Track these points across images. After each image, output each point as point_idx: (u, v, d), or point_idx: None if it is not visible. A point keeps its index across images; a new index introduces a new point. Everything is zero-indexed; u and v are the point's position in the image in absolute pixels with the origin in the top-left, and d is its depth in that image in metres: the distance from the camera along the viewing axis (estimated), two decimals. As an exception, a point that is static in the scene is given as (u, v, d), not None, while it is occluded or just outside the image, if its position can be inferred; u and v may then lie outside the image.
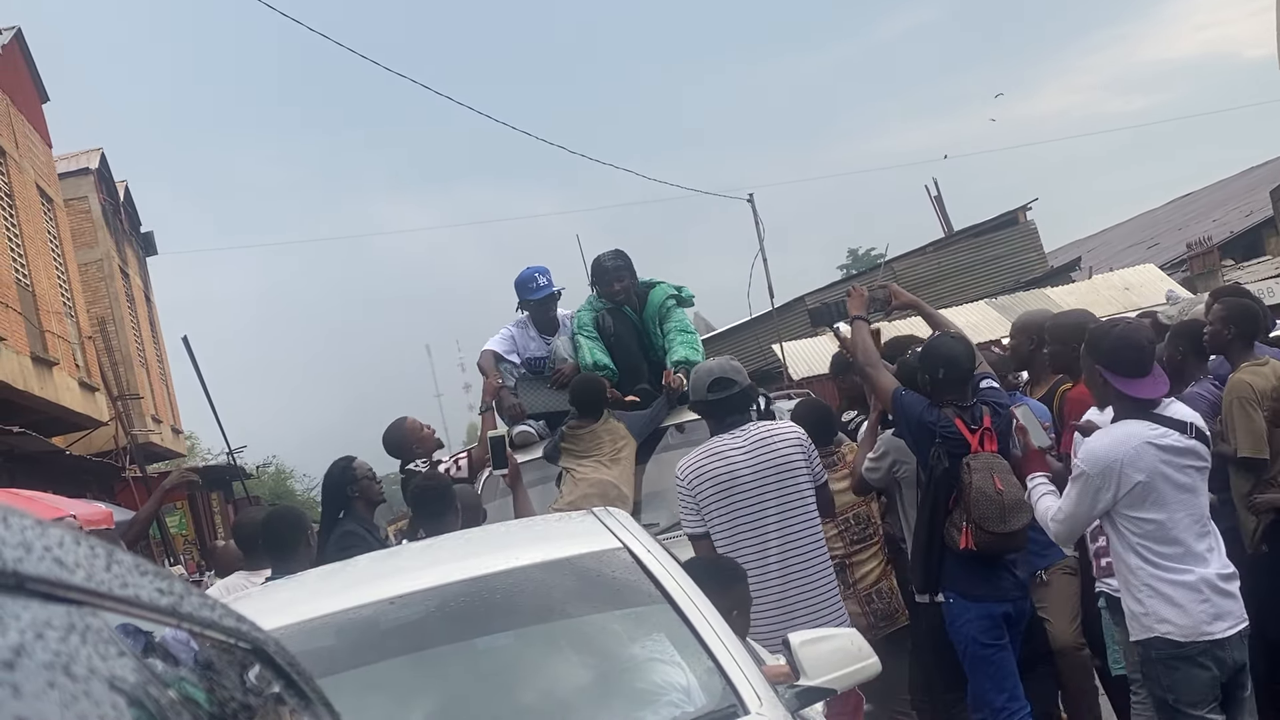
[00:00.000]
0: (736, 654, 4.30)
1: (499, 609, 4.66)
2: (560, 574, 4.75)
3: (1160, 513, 5.61)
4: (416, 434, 8.94)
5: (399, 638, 4.62)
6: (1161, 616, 5.64)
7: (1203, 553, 5.64)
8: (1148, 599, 5.66)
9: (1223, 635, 5.61)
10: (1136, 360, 5.63)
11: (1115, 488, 5.62)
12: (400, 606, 4.62)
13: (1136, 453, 5.58)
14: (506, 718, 4.41)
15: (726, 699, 4.11)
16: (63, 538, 1.28)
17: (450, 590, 4.63)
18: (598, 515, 5.16)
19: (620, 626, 4.73)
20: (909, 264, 38.60)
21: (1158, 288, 26.90)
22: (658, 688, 4.36)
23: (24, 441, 19.11)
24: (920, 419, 6.91)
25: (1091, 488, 5.67)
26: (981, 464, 6.70)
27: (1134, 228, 51.99)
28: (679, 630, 4.38)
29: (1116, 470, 5.60)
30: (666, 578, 4.56)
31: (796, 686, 4.41)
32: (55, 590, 1.22)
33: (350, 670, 4.46)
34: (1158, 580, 5.64)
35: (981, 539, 6.64)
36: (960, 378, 6.93)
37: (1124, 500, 5.62)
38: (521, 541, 5.24)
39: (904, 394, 7.07)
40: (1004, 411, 6.91)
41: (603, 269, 9.60)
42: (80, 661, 1.22)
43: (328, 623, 4.53)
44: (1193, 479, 5.65)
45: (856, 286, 8.22)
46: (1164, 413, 5.66)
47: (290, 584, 5.63)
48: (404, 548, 6.12)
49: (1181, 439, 5.61)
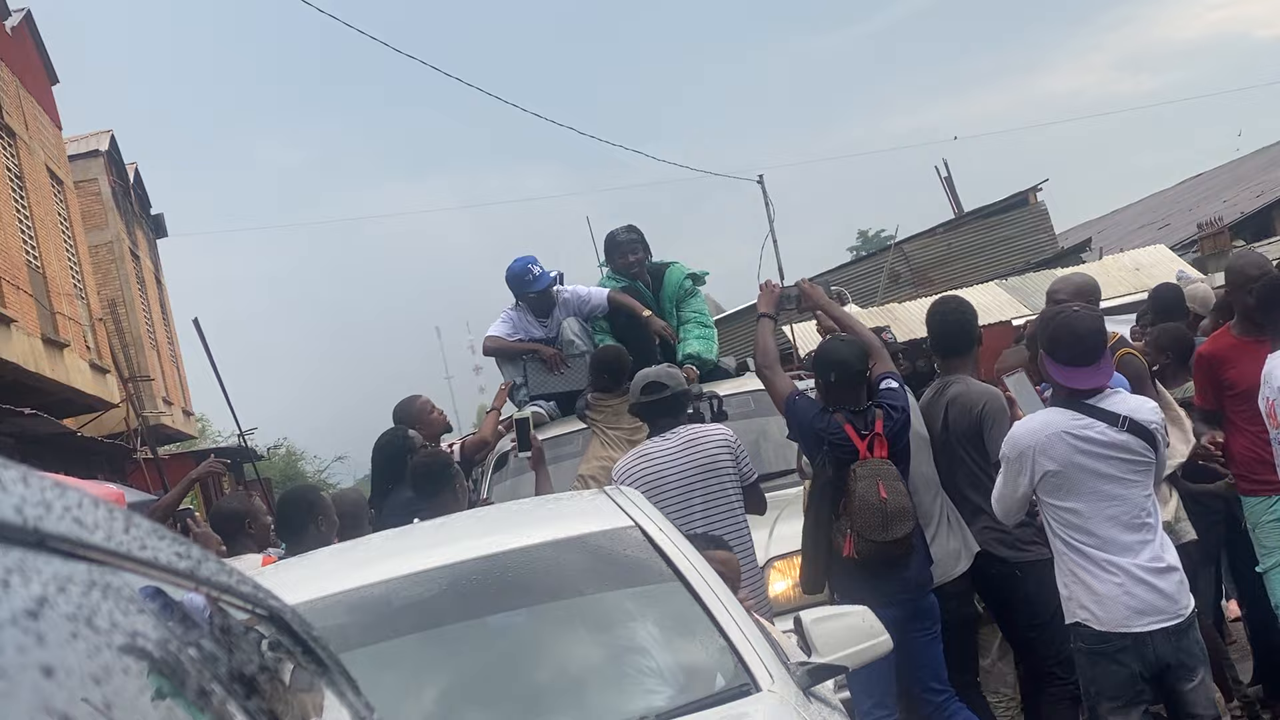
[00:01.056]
0: (748, 631, 4.31)
1: (512, 587, 4.68)
2: (573, 552, 4.76)
3: (1077, 502, 5.58)
4: (425, 414, 8.95)
5: (412, 615, 4.64)
6: (1081, 603, 5.61)
7: (1130, 544, 5.55)
8: (1071, 584, 5.65)
9: (1143, 630, 5.51)
10: (1075, 348, 5.57)
11: (1030, 474, 5.63)
12: (413, 584, 4.63)
13: (1049, 442, 5.57)
14: (518, 695, 4.43)
15: (739, 676, 4.13)
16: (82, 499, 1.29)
17: (463, 568, 4.65)
18: (610, 494, 5.17)
19: (632, 604, 4.75)
20: (919, 245, 38.49)
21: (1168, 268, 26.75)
22: (669, 665, 4.37)
23: (35, 423, 19.13)
24: (810, 425, 6.88)
25: (1012, 472, 5.73)
26: (867, 471, 6.67)
27: (1144, 208, 51.88)
28: (690, 608, 4.40)
29: (1030, 457, 5.62)
30: (678, 556, 4.57)
31: (808, 663, 4.42)
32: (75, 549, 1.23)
33: (363, 647, 4.48)
34: (1078, 568, 5.62)
35: (863, 547, 6.58)
36: (851, 381, 6.93)
37: (1040, 487, 5.64)
38: (534, 520, 5.25)
39: (796, 399, 7.05)
40: (898, 414, 6.89)
41: (615, 242, 9.60)
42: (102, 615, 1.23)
43: (341, 600, 4.55)
44: (1120, 471, 5.56)
45: (768, 282, 8.19)
46: (1102, 404, 5.59)
47: (303, 562, 5.64)
48: (417, 526, 6.13)
49: (1107, 431, 5.54)
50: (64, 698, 1.11)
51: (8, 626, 1.08)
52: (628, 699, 4.29)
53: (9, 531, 1.13)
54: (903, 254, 37.98)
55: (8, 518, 1.14)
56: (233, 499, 8.55)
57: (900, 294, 35.50)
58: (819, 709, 4.21)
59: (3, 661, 1.03)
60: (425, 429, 8.83)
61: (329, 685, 1.90)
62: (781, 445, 8.40)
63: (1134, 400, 5.75)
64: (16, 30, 24.15)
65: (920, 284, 36.68)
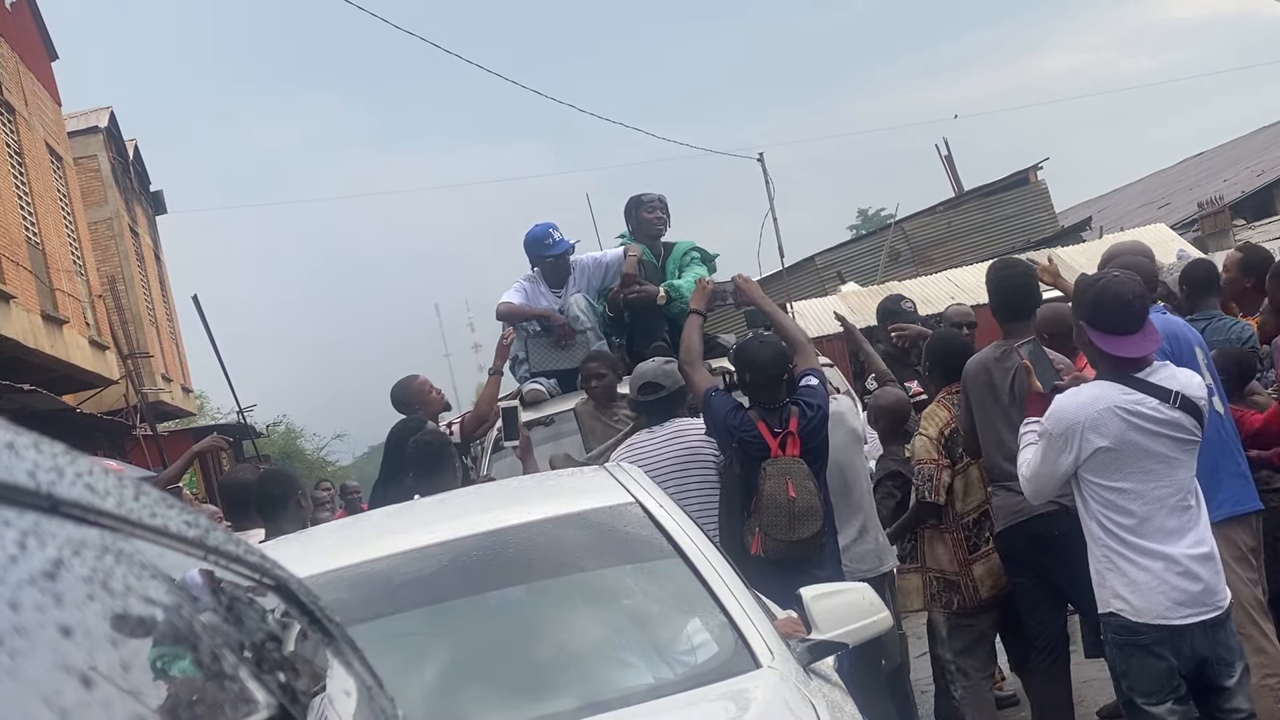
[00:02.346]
0: (748, 607, 4.33)
1: (512, 563, 4.69)
2: (573, 528, 4.78)
3: (1125, 481, 5.27)
4: (424, 394, 8.93)
5: (412, 591, 4.64)
6: (1116, 592, 5.32)
7: (1173, 528, 5.26)
8: (1106, 572, 5.34)
9: (1181, 623, 5.24)
10: (1119, 315, 5.25)
11: (1076, 451, 5.30)
12: (414, 560, 4.64)
13: (1100, 417, 5.25)
14: (519, 670, 4.44)
15: (738, 652, 4.14)
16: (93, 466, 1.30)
17: (463, 544, 4.66)
18: (610, 470, 5.19)
19: (632, 580, 4.77)
20: (919, 224, 38.52)
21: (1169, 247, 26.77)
22: (670, 641, 4.40)
23: (34, 400, 19.15)
24: (724, 421, 6.92)
25: (1054, 449, 5.37)
26: (777, 470, 6.69)
27: (1145, 187, 51.86)
28: (691, 584, 4.42)
29: (1077, 433, 5.27)
30: (679, 532, 4.59)
31: (808, 640, 4.43)
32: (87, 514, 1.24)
33: (364, 623, 4.49)
34: (1114, 554, 5.31)
35: (769, 545, 6.59)
36: (765, 382, 6.97)
37: (1086, 465, 5.31)
38: (534, 496, 5.27)
39: (714, 395, 7.09)
40: (814, 412, 6.91)
41: (639, 200, 9.55)
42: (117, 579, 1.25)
43: (341, 576, 4.56)
44: (1171, 450, 5.26)
45: (703, 279, 8.25)
46: (1151, 378, 5.29)
47: (302, 538, 5.66)
48: (417, 502, 6.15)
49: (1159, 407, 5.23)
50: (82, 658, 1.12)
51: (26, 587, 1.09)
52: (627, 675, 4.30)
53: (23, 496, 1.15)
54: (903, 232, 38.03)
55: (21, 482, 1.15)
56: (244, 470, 8.57)
57: (900, 272, 35.56)
58: (819, 685, 4.23)
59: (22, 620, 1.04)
60: (425, 409, 8.82)
61: (336, 655, 1.92)
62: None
63: (1183, 375, 5.38)
64: (16, 6, 24.10)
65: (920, 262, 36.74)
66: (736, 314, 10.29)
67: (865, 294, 30.13)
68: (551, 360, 9.33)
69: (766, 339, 7.37)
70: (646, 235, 9.49)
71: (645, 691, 4.09)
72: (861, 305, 29.18)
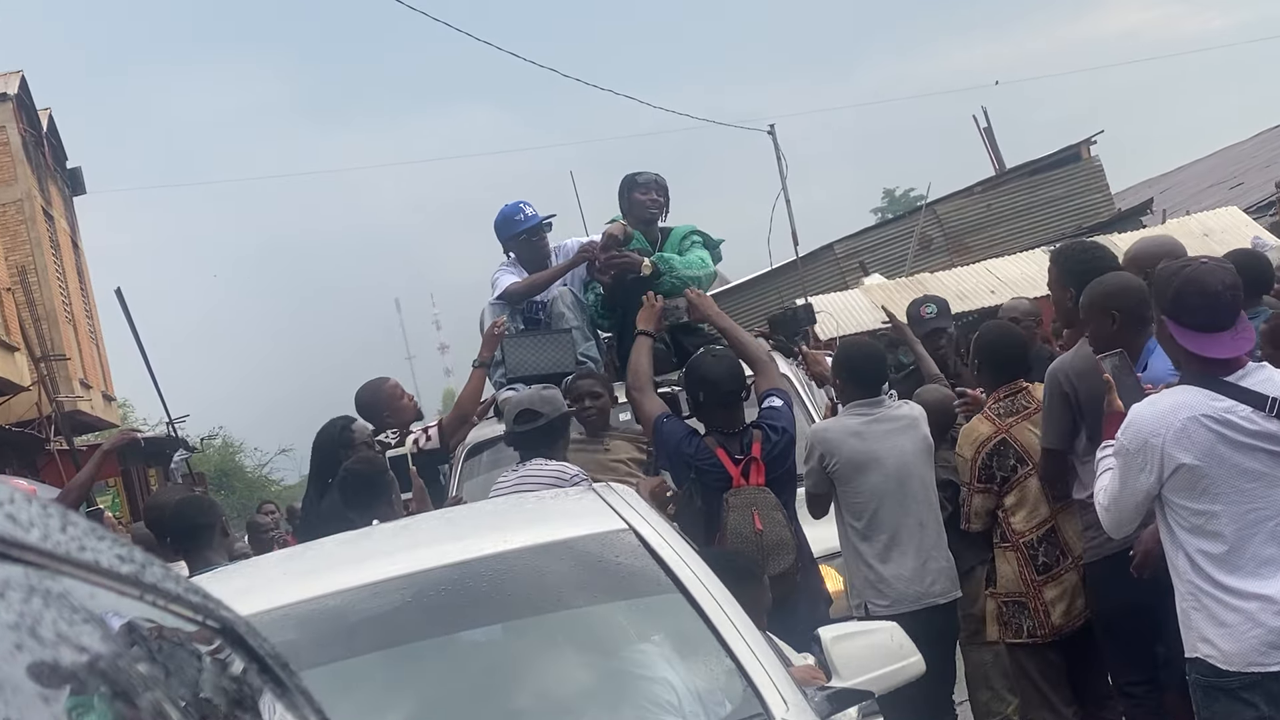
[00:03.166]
0: (759, 650, 4.32)
1: (487, 599, 4.70)
2: (557, 558, 4.78)
3: (1214, 504, 5.12)
4: (394, 400, 8.96)
5: (372, 631, 4.66)
6: (1204, 635, 5.18)
7: (1272, 558, 5.12)
8: (1192, 612, 5.23)
9: (1277, 669, 5.09)
10: (1207, 309, 5.11)
11: (1157, 470, 5.15)
12: (373, 595, 4.64)
13: (1184, 428, 5.09)
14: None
15: (748, 702, 4.15)
16: (13, 494, 1.30)
17: (431, 577, 4.66)
18: (599, 492, 5.19)
19: (625, 619, 4.78)
20: (954, 206, 38.54)
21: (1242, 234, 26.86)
22: (669, 689, 4.39)
23: (-68, 409, 19.13)
24: (678, 449, 7.01)
25: (1132, 468, 5.22)
26: (741, 500, 6.77)
27: (1214, 164, 51.92)
28: (693, 623, 4.42)
29: (1157, 449, 5.12)
30: (678, 563, 4.59)
31: (828, 689, 4.44)
32: (10, 550, 1.23)
33: (316, 668, 4.49)
34: (1200, 593, 5.19)
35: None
36: (722, 401, 7.08)
37: (1169, 484, 5.16)
38: (512, 522, 5.27)
39: (665, 422, 7.21)
40: (779, 435, 6.97)
41: (634, 181, 9.55)
42: (46, 625, 1.24)
43: (290, 613, 4.55)
44: (1266, 466, 5.10)
45: (650, 295, 8.34)
46: (1244, 382, 5.13)
47: (245, 570, 5.67)
48: (378, 528, 6.15)
49: (1254, 416, 5.07)
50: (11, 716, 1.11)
51: None
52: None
53: None
54: (935, 216, 38.04)
55: None
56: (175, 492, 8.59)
57: (932, 262, 35.59)
58: (841, 740, 4.24)
59: None
60: (394, 416, 8.84)
61: (288, 706, 1.91)
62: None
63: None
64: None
65: (955, 251, 36.78)
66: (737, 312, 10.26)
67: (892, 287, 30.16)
68: (531, 363, 9.32)
69: (719, 352, 7.48)
70: (639, 220, 9.49)
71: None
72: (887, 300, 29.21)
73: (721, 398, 7.09)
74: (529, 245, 9.50)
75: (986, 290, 30.92)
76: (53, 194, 34.95)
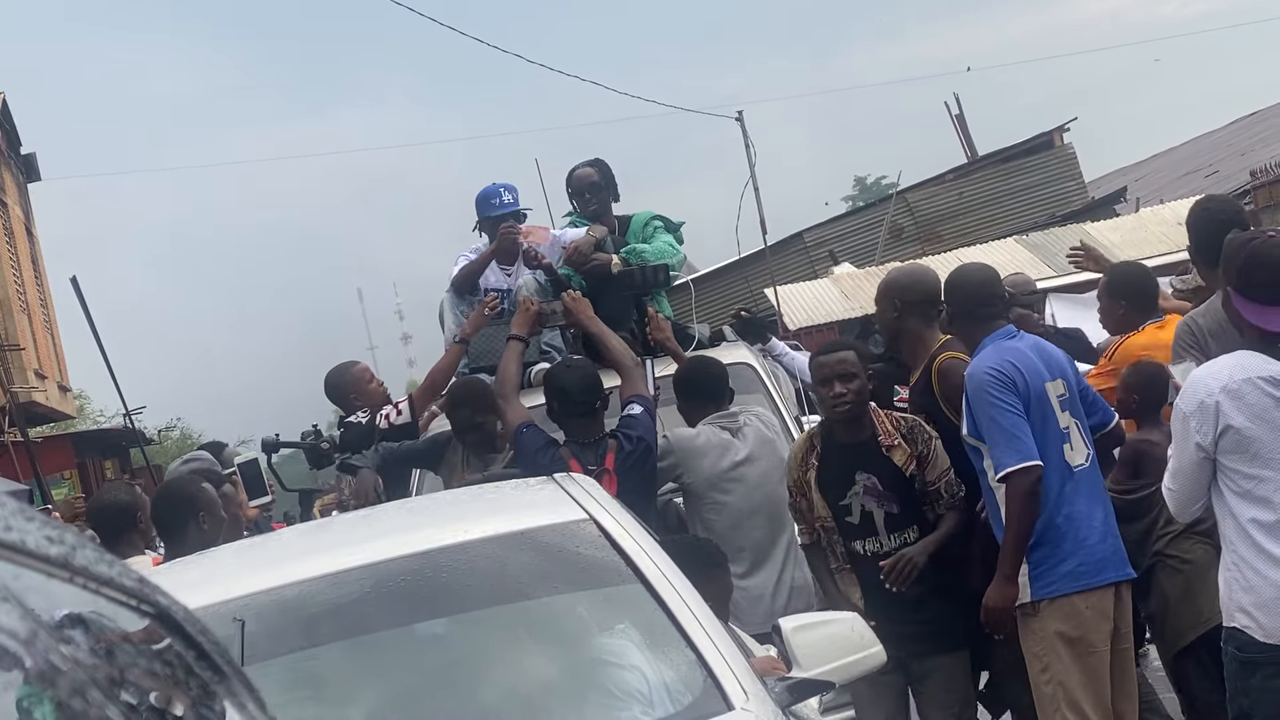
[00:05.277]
0: (719, 641, 4.38)
1: (445, 590, 4.74)
2: (516, 549, 4.82)
3: (1265, 469, 5.28)
4: (361, 384, 9.03)
5: (329, 623, 4.69)
6: (1241, 605, 5.32)
7: None
8: (1232, 581, 5.36)
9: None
10: (1269, 284, 5.31)
11: (1213, 429, 5.28)
12: (331, 586, 4.67)
13: (1241, 389, 5.27)
14: (454, 715, 4.49)
15: (708, 693, 4.20)
16: None
17: (389, 568, 4.70)
18: (560, 482, 5.23)
19: (586, 610, 4.82)
20: (925, 194, 38.61)
21: (1216, 223, 26.94)
22: (628, 681, 4.43)
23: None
24: (534, 459, 7.08)
25: (1189, 432, 5.36)
26: None
27: (1190, 152, 52.06)
28: (653, 614, 4.47)
29: (1212, 407, 5.27)
30: (639, 553, 4.63)
31: (789, 679, 4.49)
32: None
33: (271, 659, 4.53)
34: (1243, 563, 5.32)
35: None
36: (575, 412, 7.20)
37: (1221, 446, 5.30)
38: (472, 512, 5.31)
39: (524, 432, 7.31)
40: (633, 445, 7.08)
41: (571, 179, 9.60)
42: None
43: (246, 605, 4.57)
44: None
45: (527, 298, 8.45)
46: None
47: (202, 561, 5.68)
48: (336, 519, 6.19)
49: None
50: None
51: None
52: (580, 718, 4.36)
53: None
54: (906, 205, 38.06)
55: None
56: (118, 489, 8.59)
57: (903, 251, 35.57)
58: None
59: None
60: (362, 399, 8.90)
61: (227, 695, 1.89)
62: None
63: None
64: None
65: (927, 240, 36.81)
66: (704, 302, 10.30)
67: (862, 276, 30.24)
68: (495, 352, 9.32)
69: (575, 362, 7.60)
70: (585, 214, 9.56)
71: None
72: (856, 290, 29.20)
73: (574, 408, 7.23)
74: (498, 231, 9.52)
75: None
76: (6, 180, 34.79)
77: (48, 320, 37.20)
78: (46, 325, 36.82)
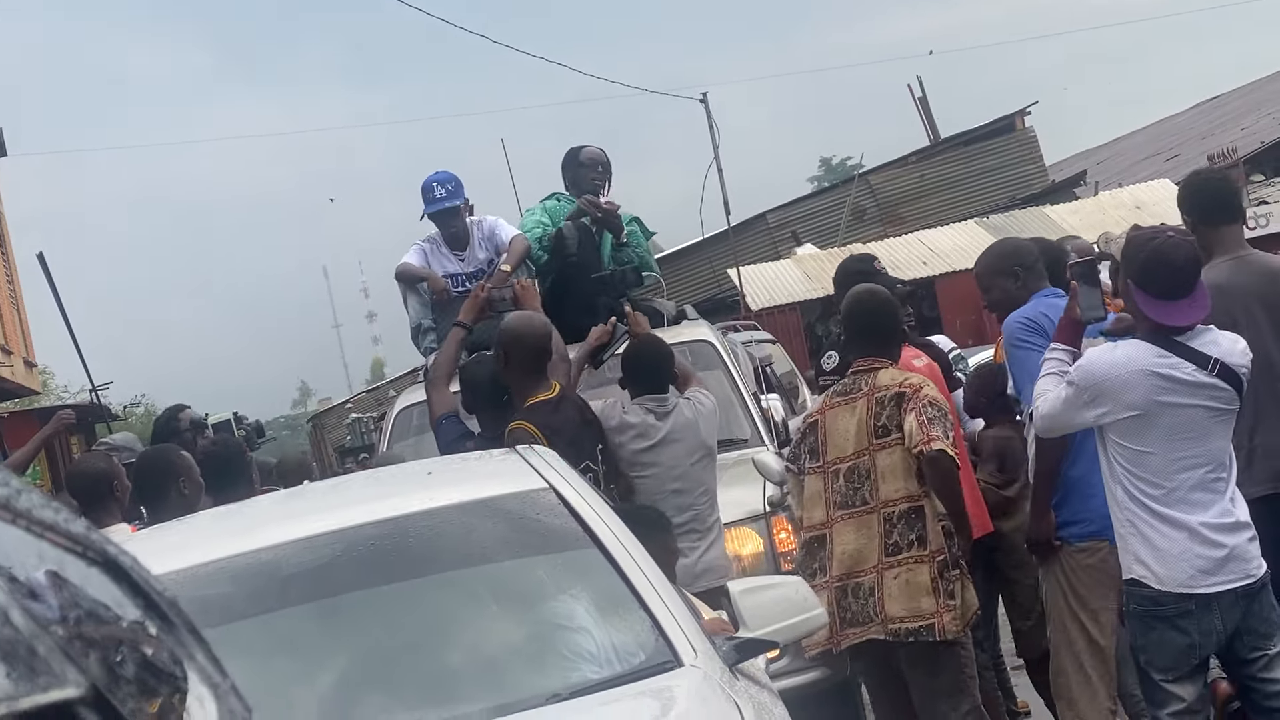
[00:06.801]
0: (670, 602, 4.60)
1: (412, 554, 4.93)
2: (480, 516, 5.03)
3: (1151, 447, 5.72)
4: None
5: (301, 585, 4.87)
6: (1139, 557, 5.76)
7: (1200, 500, 5.72)
8: (1128, 536, 5.80)
9: (1207, 591, 5.67)
10: (1170, 281, 5.68)
11: (1100, 411, 5.75)
12: (302, 550, 4.86)
13: (1130, 380, 5.68)
14: (420, 672, 4.66)
15: (659, 650, 4.42)
16: None
17: (358, 533, 4.89)
18: (521, 453, 5.42)
19: (545, 573, 5.02)
20: (888, 176, 38.80)
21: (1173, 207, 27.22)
22: (585, 638, 4.64)
23: None
24: (449, 449, 7.30)
25: (1077, 401, 5.80)
26: None
27: (1150, 136, 52.27)
28: (608, 577, 4.68)
29: (1104, 394, 5.72)
30: (596, 520, 4.83)
31: (736, 638, 4.72)
32: None
33: (244, 620, 4.72)
34: (1137, 519, 5.76)
35: None
36: (484, 405, 7.42)
37: (1112, 427, 5.76)
38: (437, 481, 5.50)
39: (444, 422, 7.55)
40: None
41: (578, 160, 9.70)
42: None
43: (222, 568, 4.77)
44: (1204, 419, 5.73)
45: (482, 284, 8.57)
46: (1192, 342, 5.72)
47: (178, 526, 5.86)
48: (307, 487, 6.39)
49: (1195, 373, 5.66)
50: None
51: None
52: (539, 675, 4.56)
53: None
54: (869, 186, 38.19)
55: None
56: (95, 458, 8.74)
57: (865, 232, 35.74)
58: (745, 686, 4.50)
59: None
60: None
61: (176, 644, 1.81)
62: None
63: (1226, 340, 5.81)
64: None
65: (889, 221, 36.97)
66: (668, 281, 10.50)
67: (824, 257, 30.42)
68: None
69: (485, 358, 7.70)
70: (586, 190, 9.63)
71: (559, 693, 4.35)
72: (819, 270, 29.29)
73: (484, 401, 7.41)
74: (439, 223, 9.64)
75: (919, 261, 31.21)
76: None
77: (13, 296, 37.12)
78: (12, 301, 36.74)
